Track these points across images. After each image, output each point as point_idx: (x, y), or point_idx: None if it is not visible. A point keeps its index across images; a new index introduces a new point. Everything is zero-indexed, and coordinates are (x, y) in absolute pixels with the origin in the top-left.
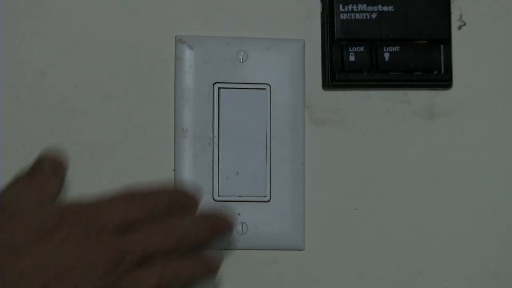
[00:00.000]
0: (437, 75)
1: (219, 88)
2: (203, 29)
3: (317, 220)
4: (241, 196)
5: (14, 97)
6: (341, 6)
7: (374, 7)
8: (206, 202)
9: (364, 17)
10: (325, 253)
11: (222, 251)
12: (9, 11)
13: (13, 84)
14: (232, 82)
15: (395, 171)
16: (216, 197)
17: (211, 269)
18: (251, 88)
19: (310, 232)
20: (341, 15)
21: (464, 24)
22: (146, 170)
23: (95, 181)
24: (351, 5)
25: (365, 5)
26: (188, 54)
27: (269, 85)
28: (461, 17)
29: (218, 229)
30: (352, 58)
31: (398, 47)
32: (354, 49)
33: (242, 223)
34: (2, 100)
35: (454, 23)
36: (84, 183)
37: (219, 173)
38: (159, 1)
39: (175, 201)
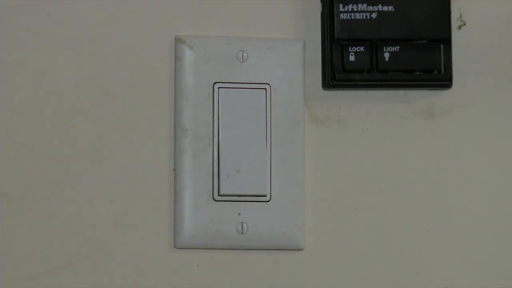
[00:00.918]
0: (437, 75)
1: (219, 88)
2: (203, 29)
3: (317, 220)
4: (241, 196)
5: (14, 97)
6: (341, 6)
7: (374, 7)
8: (206, 202)
9: (364, 17)
10: (325, 253)
11: (222, 251)
12: (9, 11)
13: (13, 84)
14: (232, 82)
15: (395, 171)
16: (216, 197)
17: None
18: (251, 88)
19: (310, 232)
20: (341, 15)
21: (464, 24)
22: (146, 170)
23: (95, 181)
24: (351, 5)
25: (365, 5)
26: (188, 54)
27: (269, 85)
28: (461, 17)
29: None
30: (352, 58)
31: (398, 47)
32: (354, 49)
33: (242, 223)
34: (2, 100)
35: (454, 23)
36: (84, 183)
37: (219, 173)
38: (159, 1)
39: None
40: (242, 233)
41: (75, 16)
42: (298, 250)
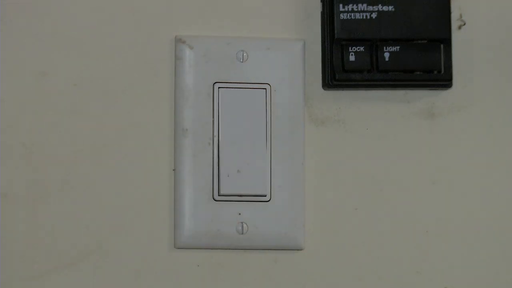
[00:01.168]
0: (437, 75)
1: (219, 88)
2: (203, 29)
3: (317, 220)
4: (241, 196)
5: (14, 97)
6: (341, 5)
7: (374, 6)
8: (206, 202)
9: (364, 17)
10: (325, 253)
11: (222, 250)
12: (9, 11)
13: (13, 84)
14: (232, 82)
15: (395, 171)
16: (216, 197)
17: None
18: (251, 88)
19: (310, 232)
20: (341, 15)
21: (464, 24)
22: (146, 170)
23: (95, 181)
24: (351, 4)
25: (365, 5)
26: (188, 54)
27: (269, 85)
28: (461, 17)
29: None
30: (352, 58)
31: (398, 47)
32: (354, 49)
33: (242, 223)
34: (2, 100)
35: (454, 23)
36: (84, 183)
37: (219, 172)
38: (159, 1)
39: None
40: (242, 233)
41: (75, 16)
42: (298, 250)
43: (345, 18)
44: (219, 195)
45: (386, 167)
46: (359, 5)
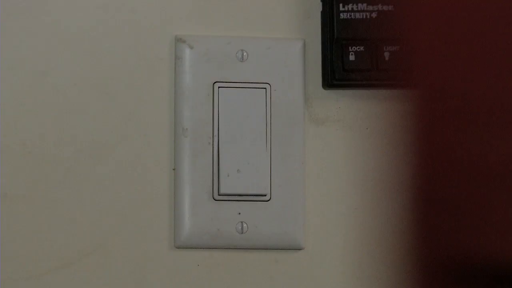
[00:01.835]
0: None
1: (219, 87)
2: (203, 29)
3: (317, 219)
4: (241, 196)
5: (14, 97)
6: (341, 5)
7: (375, 6)
8: (206, 202)
9: (364, 17)
10: (325, 253)
11: (222, 250)
12: (9, 11)
13: (13, 84)
14: (232, 81)
15: (395, 170)
16: (216, 197)
17: None
18: (251, 88)
19: (310, 231)
20: (341, 15)
21: None
22: (146, 170)
23: (95, 181)
24: (351, 4)
25: (365, 4)
26: (188, 54)
27: (269, 84)
28: None
29: None
30: (352, 57)
31: (398, 47)
32: (354, 48)
33: (242, 222)
34: (2, 100)
35: None
36: (84, 183)
37: (219, 172)
38: (158, 1)
39: None
40: (242, 233)
41: (75, 16)
42: (298, 249)
43: (345, 17)
44: (219, 195)
45: (386, 167)
46: (359, 4)
